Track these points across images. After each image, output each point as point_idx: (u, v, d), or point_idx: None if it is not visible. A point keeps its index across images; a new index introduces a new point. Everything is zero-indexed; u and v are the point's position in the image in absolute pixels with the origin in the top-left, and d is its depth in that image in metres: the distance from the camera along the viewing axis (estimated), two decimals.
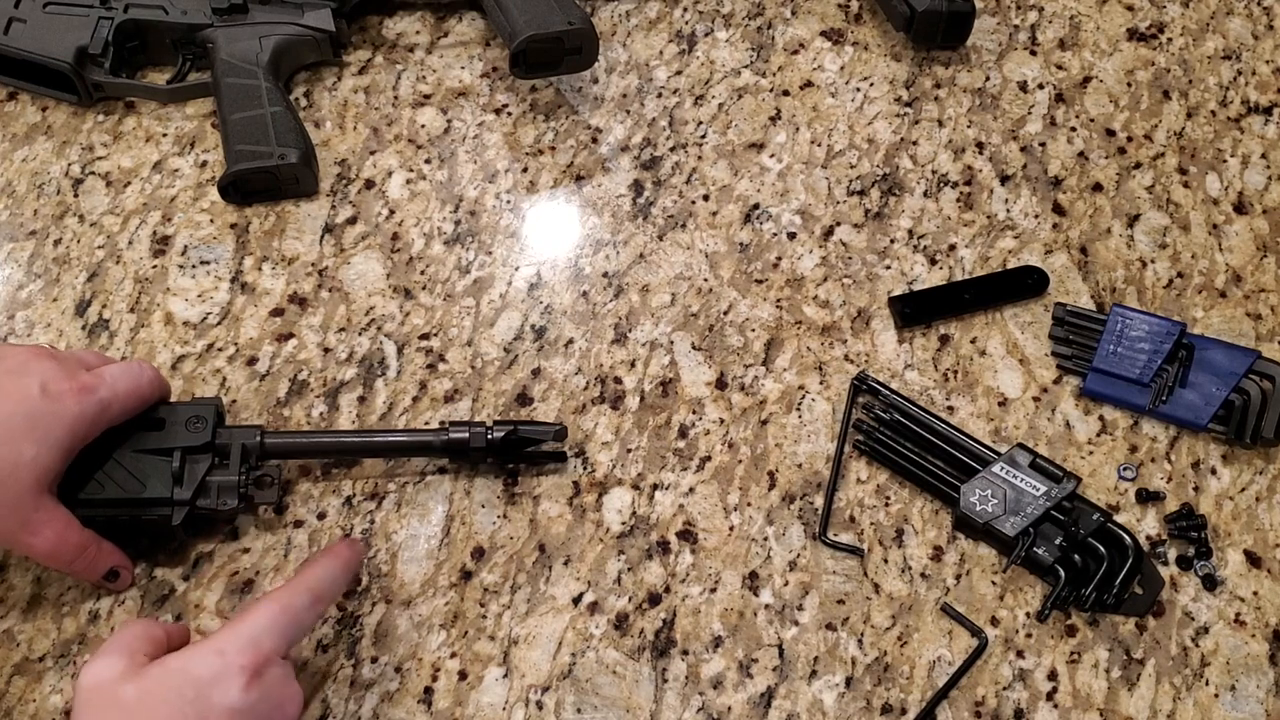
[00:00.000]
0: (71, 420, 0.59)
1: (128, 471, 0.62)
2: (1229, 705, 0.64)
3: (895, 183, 0.82)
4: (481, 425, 0.67)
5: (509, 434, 0.67)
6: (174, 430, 0.63)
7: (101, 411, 0.60)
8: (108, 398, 0.60)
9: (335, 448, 0.69)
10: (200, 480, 0.63)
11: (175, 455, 0.63)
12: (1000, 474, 0.68)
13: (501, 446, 0.67)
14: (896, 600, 0.67)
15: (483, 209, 0.80)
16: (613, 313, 0.76)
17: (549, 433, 0.68)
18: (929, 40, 0.87)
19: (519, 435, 0.67)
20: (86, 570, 0.62)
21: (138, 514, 0.63)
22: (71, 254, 0.77)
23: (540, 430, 0.68)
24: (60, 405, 0.58)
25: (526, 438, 0.67)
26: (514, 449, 0.68)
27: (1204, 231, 0.80)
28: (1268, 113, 0.86)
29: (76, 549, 0.61)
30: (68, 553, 0.60)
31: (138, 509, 0.62)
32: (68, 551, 0.60)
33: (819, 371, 0.74)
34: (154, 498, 0.62)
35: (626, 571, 0.67)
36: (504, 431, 0.67)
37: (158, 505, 0.62)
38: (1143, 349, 0.73)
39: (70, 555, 0.60)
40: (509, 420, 0.68)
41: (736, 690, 0.64)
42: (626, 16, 0.89)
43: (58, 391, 0.59)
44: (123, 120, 0.83)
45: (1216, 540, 0.69)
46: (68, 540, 0.60)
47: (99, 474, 0.62)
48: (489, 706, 0.63)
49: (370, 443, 0.68)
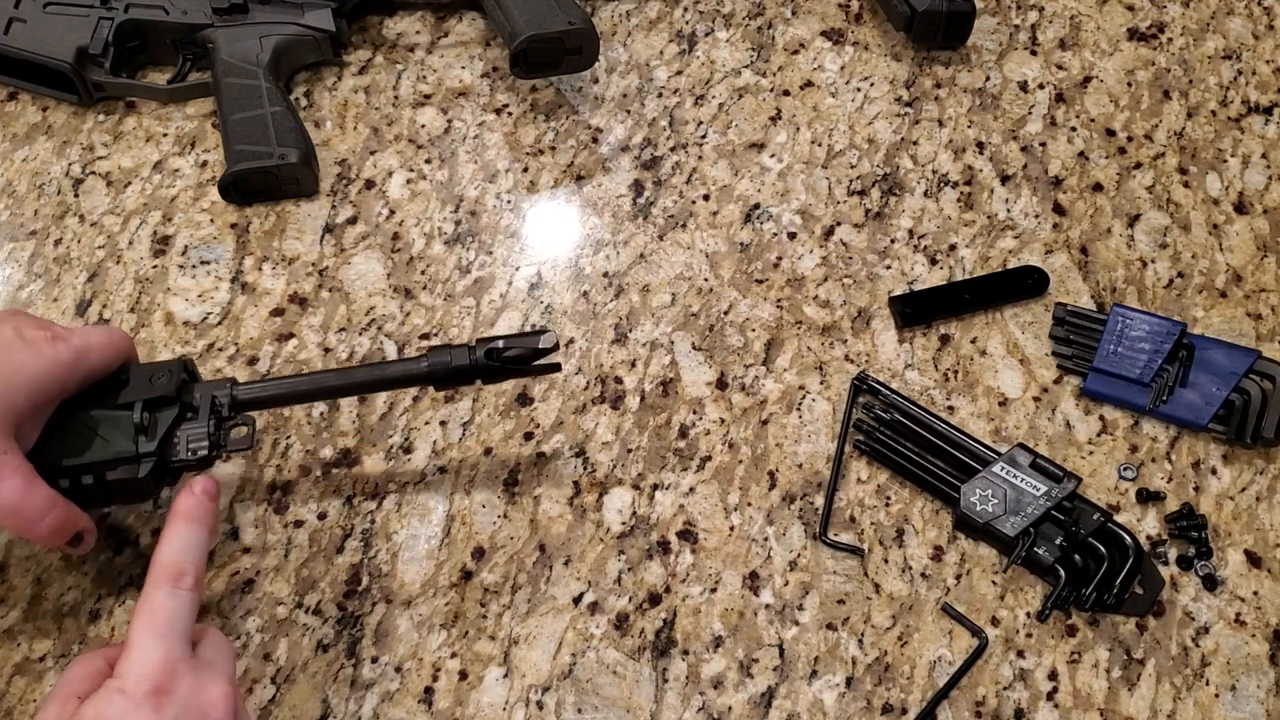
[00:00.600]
0: (46, 364, 0.57)
1: (91, 431, 0.59)
2: (1229, 705, 0.64)
3: (895, 183, 0.82)
4: (464, 346, 0.63)
5: (493, 350, 0.62)
6: (138, 386, 0.61)
7: (77, 358, 0.58)
8: (82, 345, 0.59)
9: (312, 389, 0.63)
10: (167, 432, 0.60)
11: (137, 407, 0.60)
12: (1000, 474, 0.68)
13: (489, 364, 0.63)
14: (897, 600, 0.67)
15: (483, 209, 0.80)
16: (613, 313, 0.76)
17: (535, 341, 0.63)
18: (929, 40, 0.87)
19: (504, 350, 0.63)
20: (52, 532, 0.57)
21: (103, 472, 0.59)
22: (72, 254, 0.77)
23: (528, 340, 0.63)
24: (34, 349, 0.57)
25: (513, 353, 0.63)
26: (503, 366, 0.63)
27: (1204, 231, 0.80)
28: (1268, 113, 0.86)
29: (44, 506, 0.57)
30: (34, 510, 0.56)
31: (102, 468, 0.59)
32: (34, 508, 0.56)
33: (819, 371, 0.74)
34: (118, 455, 0.59)
35: (627, 571, 0.67)
36: (486, 349, 0.62)
37: (123, 462, 0.59)
38: (1143, 349, 0.73)
39: (37, 513, 0.56)
40: (492, 337, 0.64)
41: (737, 690, 0.64)
42: (627, 16, 0.89)
43: (32, 337, 0.57)
44: (123, 120, 0.83)
45: (1217, 540, 0.69)
46: (35, 495, 0.56)
47: (63, 439, 0.59)
48: (489, 706, 0.63)
49: (349, 382, 0.64)
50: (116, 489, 0.60)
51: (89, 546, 0.61)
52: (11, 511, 0.56)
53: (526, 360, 0.63)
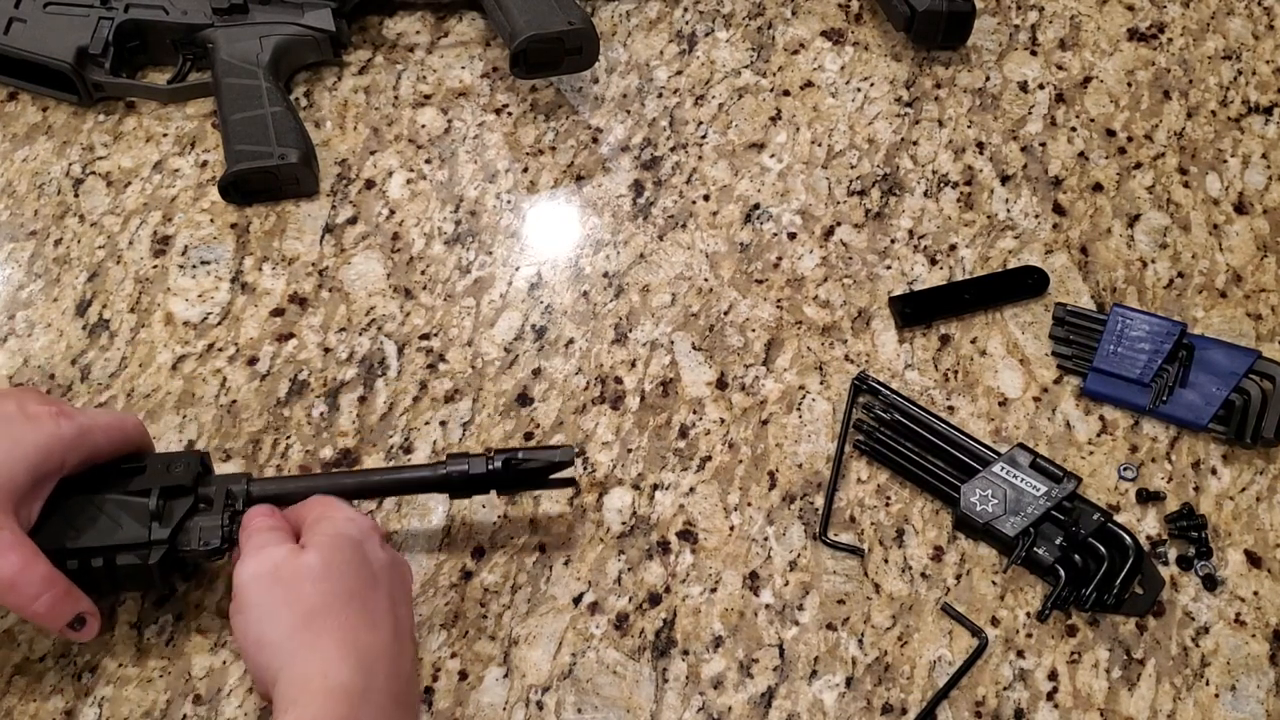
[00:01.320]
0: (46, 438, 0.57)
1: (104, 515, 0.59)
2: (1229, 705, 0.64)
3: (895, 183, 0.82)
4: (481, 456, 0.63)
5: (510, 460, 0.62)
6: (155, 474, 0.61)
7: (79, 435, 0.58)
8: (87, 424, 0.59)
9: (329, 489, 0.63)
10: (180, 521, 0.60)
11: (153, 494, 0.60)
12: (1000, 474, 0.68)
13: (504, 476, 0.63)
14: (897, 600, 0.67)
15: (483, 209, 0.80)
16: (613, 313, 0.76)
17: (553, 456, 0.63)
18: (929, 40, 0.87)
19: (521, 462, 0.63)
20: (51, 612, 0.56)
21: (113, 556, 0.59)
22: (72, 254, 0.77)
23: (545, 454, 0.63)
24: (35, 423, 0.57)
25: (530, 466, 0.63)
26: (519, 478, 0.63)
27: (1204, 231, 0.80)
28: (1268, 113, 0.86)
29: (42, 583, 0.55)
30: (32, 585, 0.55)
31: (113, 553, 0.59)
32: (32, 584, 0.55)
33: (819, 371, 0.74)
34: (130, 541, 0.59)
35: (627, 571, 0.67)
36: (503, 460, 0.62)
37: (134, 548, 0.59)
38: (1143, 349, 0.73)
39: (34, 589, 0.55)
40: (509, 449, 0.63)
41: (737, 690, 0.64)
42: (627, 16, 0.89)
43: (35, 412, 0.57)
44: (123, 120, 0.83)
45: (1217, 540, 0.69)
46: (33, 571, 0.55)
47: (74, 521, 0.59)
48: (489, 706, 0.63)
49: (365, 483, 0.64)
50: (126, 575, 0.59)
51: (92, 632, 0.58)
52: (8, 587, 0.55)
53: (543, 473, 0.63)
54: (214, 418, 0.71)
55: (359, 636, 0.54)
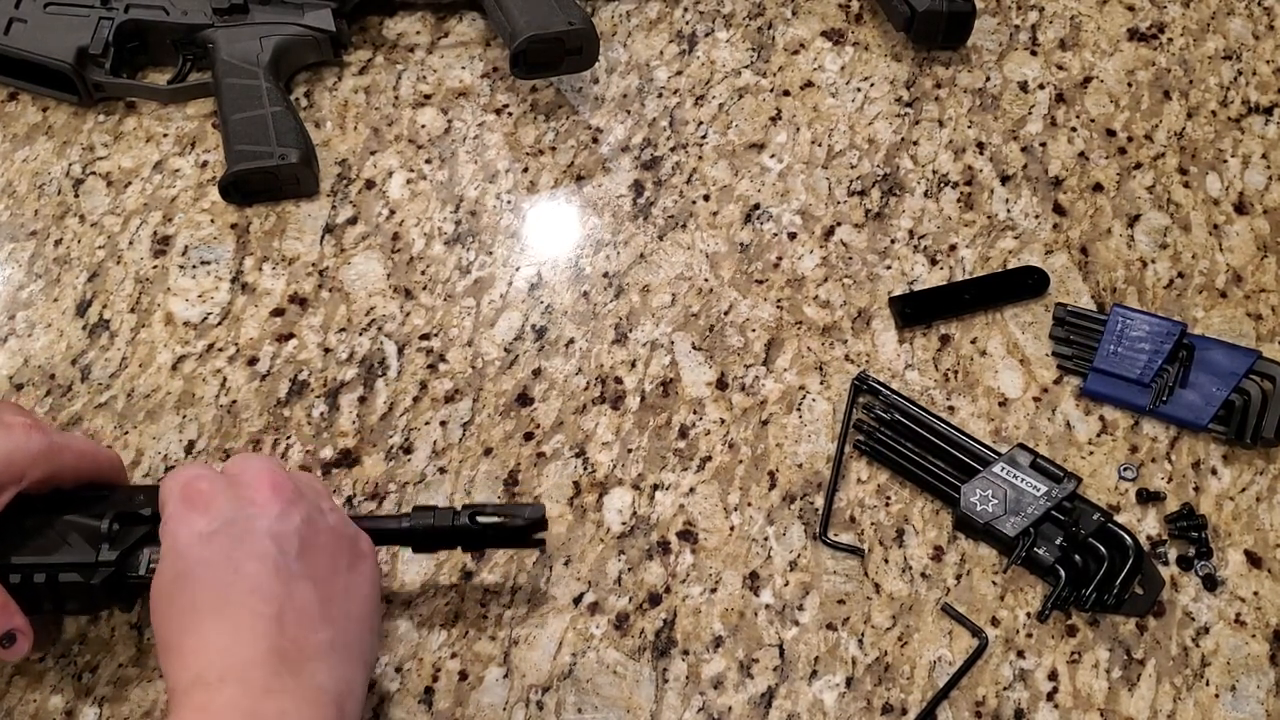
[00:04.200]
0: (11, 447, 0.56)
1: (56, 535, 0.58)
2: (1229, 705, 0.64)
3: (896, 183, 0.82)
4: (449, 509, 0.61)
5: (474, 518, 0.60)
6: (117, 502, 0.59)
7: (47, 451, 0.57)
8: (60, 443, 0.58)
9: None
10: (131, 546, 0.58)
11: (107, 518, 0.58)
12: (1001, 474, 0.68)
13: (470, 533, 0.60)
14: (897, 600, 0.67)
15: (483, 209, 0.80)
16: (613, 313, 0.76)
17: (522, 513, 0.61)
18: (929, 40, 0.87)
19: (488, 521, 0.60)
20: None
21: (56, 574, 0.57)
22: (72, 254, 0.77)
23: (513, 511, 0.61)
24: (5, 430, 0.56)
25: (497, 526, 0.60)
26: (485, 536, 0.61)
27: (1204, 232, 0.80)
28: (1268, 113, 0.86)
29: None
30: None
31: (56, 570, 0.57)
32: None
33: (819, 371, 0.74)
34: (76, 560, 0.57)
35: (627, 571, 0.67)
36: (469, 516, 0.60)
37: (79, 568, 0.57)
38: (1143, 349, 0.73)
39: None
40: (476, 505, 0.61)
41: (737, 690, 0.64)
42: (627, 17, 0.89)
43: (8, 421, 0.57)
44: (123, 120, 0.83)
45: (1217, 540, 0.69)
46: None
47: (24, 535, 0.58)
48: (489, 707, 0.63)
49: None
50: (67, 593, 0.58)
51: (21, 651, 0.56)
52: None
53: (509, 532, 0.61)
54: (214, 418, 0.71)
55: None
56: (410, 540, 0.61)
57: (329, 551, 0.55)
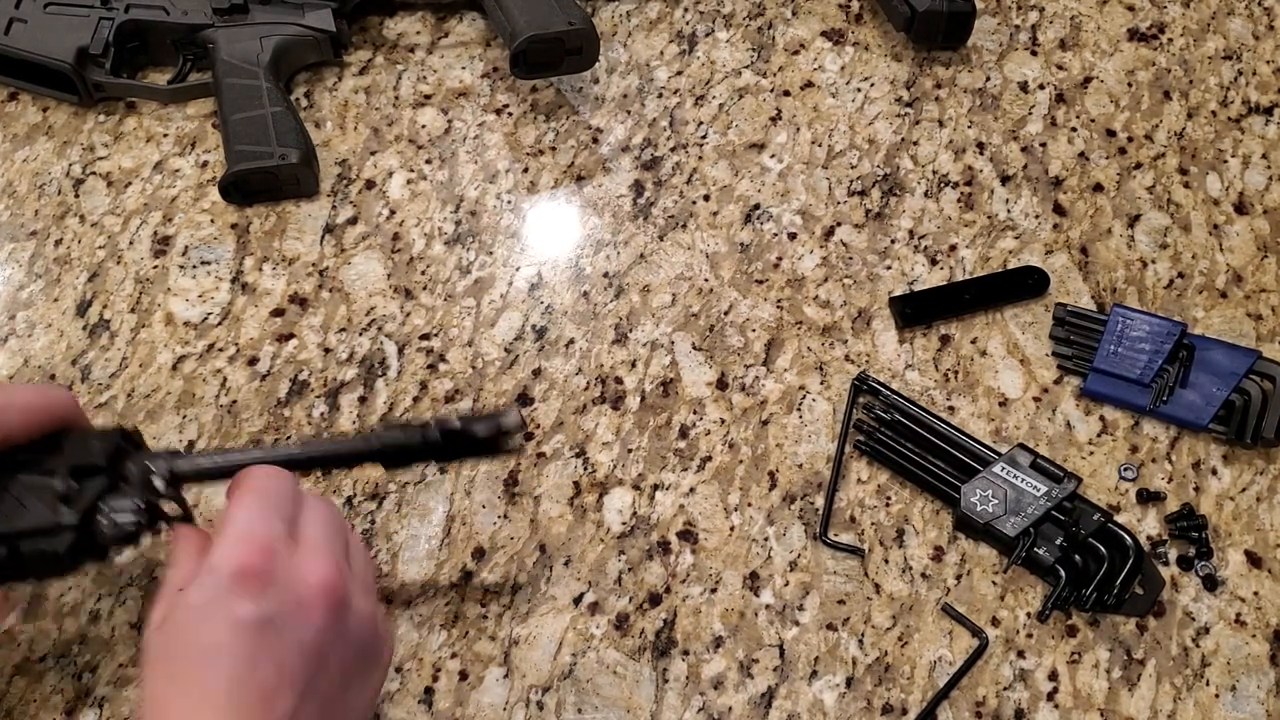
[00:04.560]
0: None
1: (10, 498, 0.54)
2: (1229, 705, 0.64)
3: (896, 183, 0.82)
4: (418, 425, 0.58)
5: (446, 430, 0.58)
6: (70, 453, 0.55)
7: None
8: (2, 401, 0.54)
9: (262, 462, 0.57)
10: (92, 502, 0.54)
11: (60, 474, 0.54)
12: (1001, 474, 0.68)
13: (444, 445, 0.58)
14: (897, 600, 0.67)
15: (483, 209, 0.80)
16: (613, 313, 0.76)
17: (495, 423, 0.58)
18: (929, 40, 0.87)
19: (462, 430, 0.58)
20: None
21: (16, 543, 0.53)
22: (72, 254, 0.77)
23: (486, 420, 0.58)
24: None
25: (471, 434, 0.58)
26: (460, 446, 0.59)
27: (1204, 232, 0.80)
28: (1268, 113, 0.86)
29: None
30: None
31: (16, 539, 0.53)
32: None
33: (819, 372, 0.74)
34: (35, 526, 0.54)
35: (627, 572, 0.67)
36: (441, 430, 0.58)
37: (40, 534, 0.54)
38: (1143, 349, 0.73)
39: None
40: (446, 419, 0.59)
41: (737, 690, 0.64)
42: (627, 17, 0.89)
43: None
44: (123, 120, 0.83)
45: (1217, 540, 0.69)
46: None
47: None
48: (490, 707, 0.63)
49: (293, 456, 0.58)
50: (32, 561, 0.54)
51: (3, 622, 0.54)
52: None
53: (480, 439, 0.58)
54: (214, 418, 0.71)
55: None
56: (381, 458, 0.59)
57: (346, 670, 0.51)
